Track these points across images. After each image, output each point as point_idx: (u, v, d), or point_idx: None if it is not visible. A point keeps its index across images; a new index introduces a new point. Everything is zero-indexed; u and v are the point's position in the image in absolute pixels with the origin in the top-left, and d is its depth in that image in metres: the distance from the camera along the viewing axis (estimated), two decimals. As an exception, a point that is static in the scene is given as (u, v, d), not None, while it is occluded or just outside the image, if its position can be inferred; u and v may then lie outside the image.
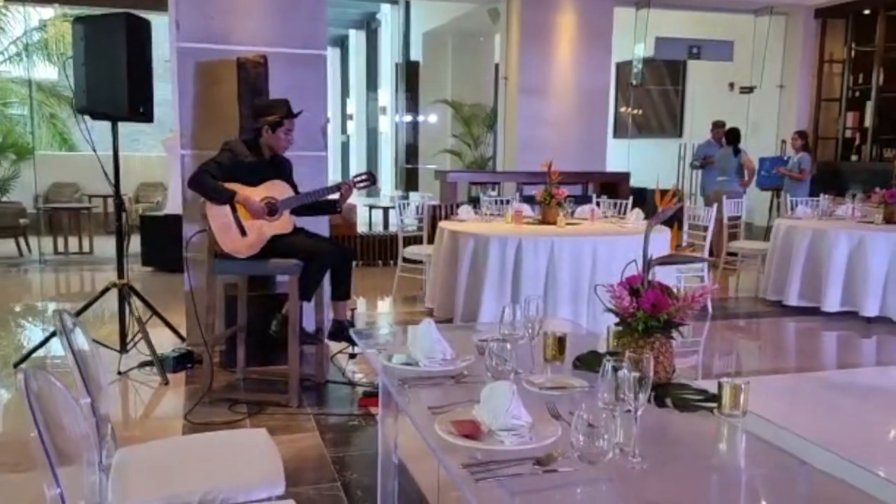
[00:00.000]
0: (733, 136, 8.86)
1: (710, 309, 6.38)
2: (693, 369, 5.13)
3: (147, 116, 4.62)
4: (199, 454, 2.11)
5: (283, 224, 3.97)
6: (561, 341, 2.30)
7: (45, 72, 13.94)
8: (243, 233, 3.85)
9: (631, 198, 7.23)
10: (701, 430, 1.84)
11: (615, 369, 1.65)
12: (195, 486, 1.89)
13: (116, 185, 4.68)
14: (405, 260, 6.64)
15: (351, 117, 18.96)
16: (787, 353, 5.81)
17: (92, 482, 1.82)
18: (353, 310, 4.61)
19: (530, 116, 9.23)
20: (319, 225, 4.74)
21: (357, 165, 18.62)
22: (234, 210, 3.83)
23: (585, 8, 9.28)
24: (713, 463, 1.74)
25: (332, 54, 21.10)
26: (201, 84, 4.87)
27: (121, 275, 4.71)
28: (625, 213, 6.65)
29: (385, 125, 15.19)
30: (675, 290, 2.11)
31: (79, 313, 4.81)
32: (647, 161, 12.57)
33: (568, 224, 5.89)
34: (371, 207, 10.80)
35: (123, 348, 4.72)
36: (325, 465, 3.31)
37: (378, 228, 10.27)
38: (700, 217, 6.58)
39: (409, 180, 13.05)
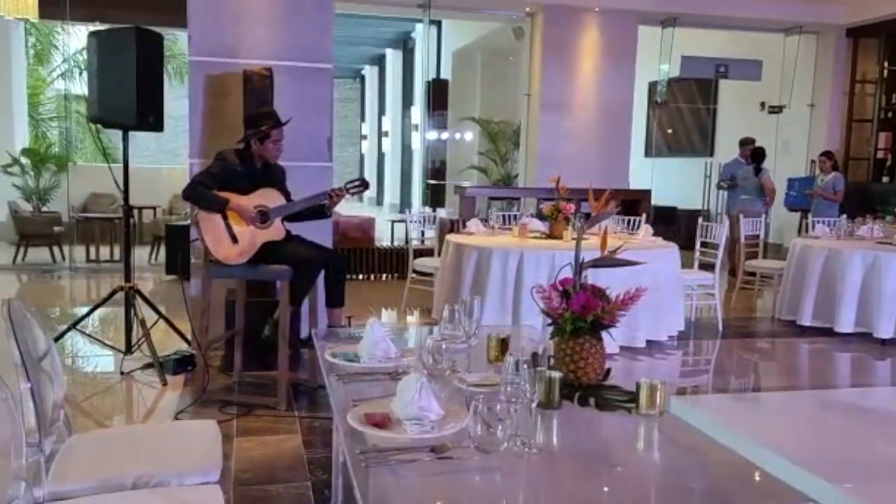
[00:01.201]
0: (756, 156, 8.77)
1: (720, 327, 6.32)
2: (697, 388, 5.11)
3: (156, 126, 4.80)
4: (144, 442, 2.20)
5: (275, 231, 4.08)
6: (503, 343, 2.35)
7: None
8: (234, 240, 3.97)
9: (644, 215, 7.20)
10: (611, 427, 1.86)
11: (517, 365, 1.70)
12: (131, 470, 1.98)
13: (126, 194, 4.86)
14: (416, 272, 6.72)
15: (386, 134, 19.21)
16: (796, 373, 5.72)
17: (32, 463, 1.93)
18: (349, 317, 4.68)
19: (552, 133, 9.27)
20: (320, 234, 4.83)
21: (391, 182, 18.85)
22: (224, 218, 3.96)
23: (609, 26, 9.31)
24: (607, 457, 1.75)
25: (371, 73, 21.47)
26: (211, 96, 5.04)
27: (127, 278, 4.87)
28: (636, 229, 6.63)
29: (417, 142, 15.36)
30: (608, 294, 2.14)
31: (86, 315, 5.01)
32: (677, 180, 12.49)
33: (574, 239, 5.88)
34: (393, 222, 10.91)
35: (128, 350, 4.87)
36: (301, 465, 3.38)
37: (401, 242, 10.37)
38: (713, 234, 6.53)
39: (436, 196, 13.16)
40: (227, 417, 3.92)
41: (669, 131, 13.62)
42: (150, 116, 4.66)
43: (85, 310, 5.51)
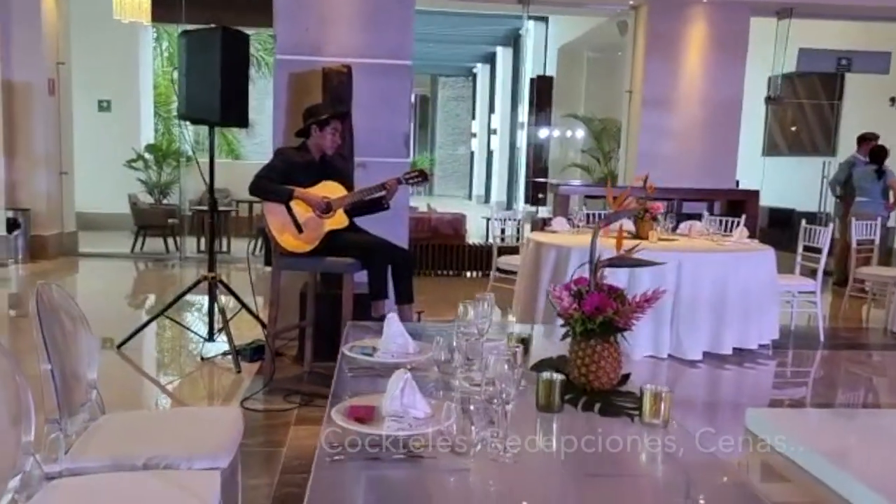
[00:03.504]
0: (877, 155, 8.12)
1: (821, 337, 5.91)
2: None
3: (240, 122, 4.98)
4: (165, 425, 2.27)
5: (339, 220, 4.15)
6: (524, 342, 2.28)
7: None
8: (299, 230, 4.06)
9: (744, 216, 6.82)
10: (605, 434, 1.75)
11: (498, 363, 1.63)
12: (145, 450, 2.05)
13: (211, 187, 5.07)
14: (500, 270, 6.66)
15: (495, 132, 19.19)
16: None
17: (53, 439, 2.03)
18: (420, 313, 4.70)
19: (653, 130, 8.96)
20: (396, 233, 4.86)
21: (498, 180, 18.81)
22: (289, 209, 4.06)
23: (718, 18, 8.89)
24: (586, 465, 1.64)
25: (482, 71, 21.49)
26: (293, 93, 5.19)
27: (211, 269, 5.08)
28: (731, 230, 6.31)
29: (522, 140, 15.26)
30: (626, 296, 2.03)
31: (172, 304, 5.26)
32: (796, 181, 11.79)
33: (661, 240, 5.67)
34: (487, 220, 10.85)
35: (210, 337, 5.08)
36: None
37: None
38: (817, 238, 6.11)
39: (538, 194, 13.03)
40: (290, 406, 4.01)
41: (793, 129, 12.89)
42: (233, 113, 4.84)
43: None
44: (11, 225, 8.20)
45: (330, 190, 4.15)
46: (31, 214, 8.47)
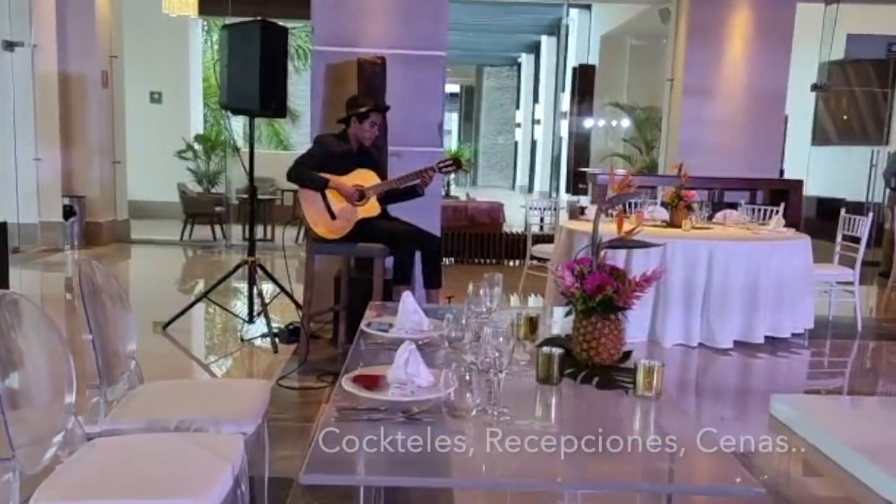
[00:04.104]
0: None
1: (859, 327, 5.85)
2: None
3: (279, 113, 5.16)
4: (198, 392, 2.44)
5: (371, 208, 4.29)
6: (532, 321, 2.37)
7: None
8: (332, 217, 4.22)
9: (783, 206, 6.76)
10: (598, 405, 1.85)
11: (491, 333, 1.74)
12: (176, 414, 2.21)
13: (251, 175, 5.26)
14: (534, 258, 6.74)
15: (538, 122, 19.17)
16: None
17: (94, 403, 2.21)
18: (450, 298, 4.81)
19: (694, 119, 8.89)
20: (427, 218, 4.98)
21: (541, 170, 18.79)
22: (324, 196, 4.21)
23: (763, 4, 8.76)
24: (577, 430, 1.71)
25: (527, 60, 21.46)
26: (330, 84, 5.33)
27: (251, 253, 5.28)
28: (767, 219, 6.27)
29: (564, 129, 15.23)
30: (627, 276, 2.11)
31: (215, 286, 5.47)
32: (846, 170, 11.56)
33: (695, 228, 5.68)
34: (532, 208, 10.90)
35: (251, 319, 5.28)
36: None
37: (534, 229, 10.37)
38: (856, 227, 6.03)
39: (579, 184, 13.02)
40: (322, 385, 4.18)
41: (844, 118, 12.63)
42: (272, 104, 5.01)
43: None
44: (68, 212, 8.57)
45: (363, 178, 4.30)
46: (86, 202, 8.83)
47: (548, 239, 7.03)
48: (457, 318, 2.22)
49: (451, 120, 26.24)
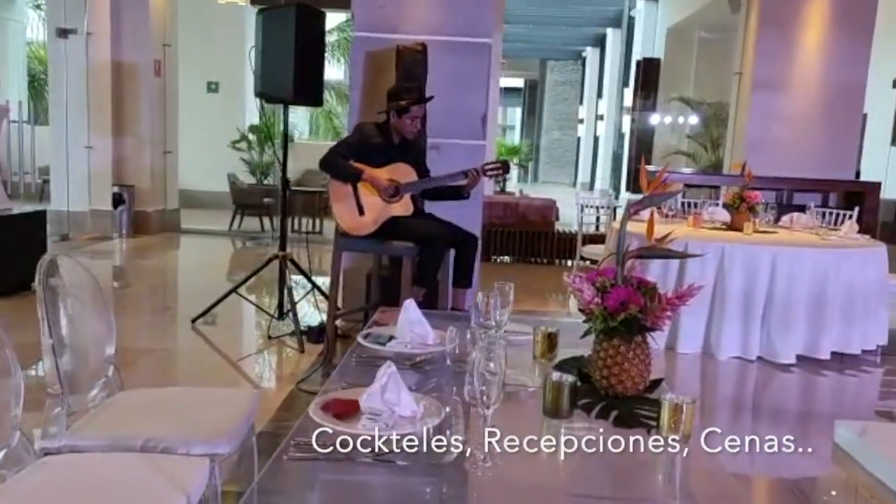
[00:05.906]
0: None
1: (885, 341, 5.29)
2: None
3: (314, 101, 4.93)
4: (176, 405, 2.20)
5: (404, 206, 4.02)
6: (551, 338, 2.07)
7: (334, 73, 15.26)
8: (361, 212, 3.96)
9: (857, 210, 6.22)
10: (611, 451, 1.53)
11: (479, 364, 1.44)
12: (143, 431, 1.98)
13: (284, 166, 5.05)
14: (584, 259, 6.40)
15: (602, 117, 18.65)
16: None
17: (54, 415, 2.00)
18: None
19: (763, 116, 8.34)
20: (468, 215, 4.68)
21: (603, 166, 18.28)
22: (355, 189, 3.96)
23: (843, -7, 8.16)
24: (576, 481, 1.42)
25: (592, 54, 20.92)
26: (370, 71, 5.08)
27: (282, 248, 5.08)
28: (840, 223, 5.77)
29: (627, 125, 14.73)
30: (658, 291, 1.78)
31: (245, 280, 5.29)
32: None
33: (758, 232, 5.24)
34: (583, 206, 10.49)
35: (280, 316, 5.08)
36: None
37: (590, 229, 9.96)
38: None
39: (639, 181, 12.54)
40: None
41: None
42: (307, 91, 4.79)
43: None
44: (117, 200, 8.57)
45: (400, 173, 4.03)
46: (136, 191, 8.82)
47: (600, 239, 6.66)
48: (461, 331, 1.93)
49: (514, 115, 25.84)
